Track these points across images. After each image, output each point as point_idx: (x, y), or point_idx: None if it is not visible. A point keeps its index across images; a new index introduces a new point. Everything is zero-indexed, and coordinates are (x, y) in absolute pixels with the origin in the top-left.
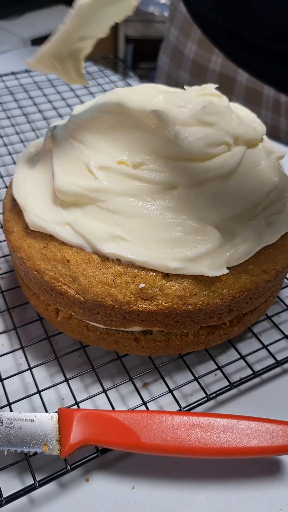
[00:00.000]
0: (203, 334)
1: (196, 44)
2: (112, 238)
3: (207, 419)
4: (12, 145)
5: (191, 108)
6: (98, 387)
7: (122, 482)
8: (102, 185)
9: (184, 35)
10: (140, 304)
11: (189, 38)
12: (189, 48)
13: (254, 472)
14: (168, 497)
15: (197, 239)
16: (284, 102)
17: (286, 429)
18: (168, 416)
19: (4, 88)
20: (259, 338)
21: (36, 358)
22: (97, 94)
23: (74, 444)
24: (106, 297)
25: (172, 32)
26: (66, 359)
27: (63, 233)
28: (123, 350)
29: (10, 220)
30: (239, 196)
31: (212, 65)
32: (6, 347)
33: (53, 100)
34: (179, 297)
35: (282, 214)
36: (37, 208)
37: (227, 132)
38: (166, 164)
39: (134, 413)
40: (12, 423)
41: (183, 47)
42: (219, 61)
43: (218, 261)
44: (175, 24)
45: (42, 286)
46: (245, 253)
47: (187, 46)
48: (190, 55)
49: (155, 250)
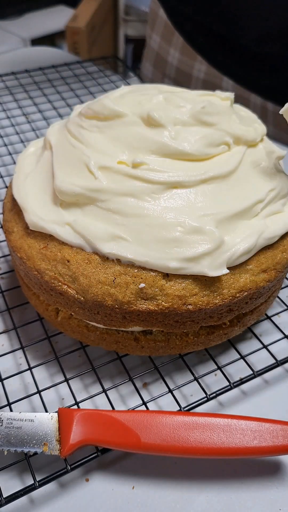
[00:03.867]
0: (203, 334)
1: (179, 51)
2: (112, 238)
3: (207, 419)
4: (12, 145)
5: (191, 108)
6: (98, 387)
7: (122, 482)
8: (102, 185)
9: (166, 41)
10: (140, 304)
11: (171, 44)
12: (172, 55)
13: (254, 472)
14: (168, 497)
15: (197, 239)
16: (271, 109)
17: (286, 429)
18: (168, 416)
19: (4, 88)
20: (259, 338)
21: (36, 358)
22: (97, 94)
23: (74, 444)
24: (106, 297)
25: (154, 38)
26: (66, 359)
27: (63, 233)
28: (123, 350)
29: (10, 220)
30: (239, 196)
31: (195, 73)
32: (6, 347)
33: (53, 100)
34: (179, 297)
35: (282, 214)
36: (37, 208)
37: (227, 132)
38: (166, 164)
39: (134, 413)
40: (12, 423)
41: (166, 54)
42: (203, 69)
43: (218, 261)
44: (156, 31)
45: (42, 286)
46: (245, 253)
47: (170, 53)
48: (174, 63)
49: (155, 250)
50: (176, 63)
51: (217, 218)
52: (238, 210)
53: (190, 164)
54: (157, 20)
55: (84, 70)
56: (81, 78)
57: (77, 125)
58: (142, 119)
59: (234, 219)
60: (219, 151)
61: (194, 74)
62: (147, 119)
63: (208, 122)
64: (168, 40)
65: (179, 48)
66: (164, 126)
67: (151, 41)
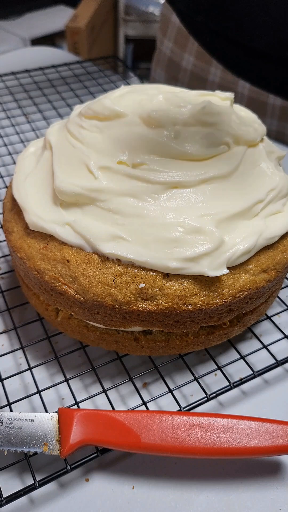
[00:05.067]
0: (203, 334)
1: (194, 56)
2: (112, 238)
3: (207, 419)
4: (12, 145)
5: (191, 108)
6: (98, 387)
7: (122, 482)
8: (102, 185)
9: (179, 47)
10: (140, 304)
11: (185, 50)
12: (187, 60)
13: (254, 472)
14: (168, 497)
15: (197, 239)
16: None
17: (286, 429)
18: (168, 416)
19: (4, 88)
20: (259, 338)
21: (36, 358)
22: (97, 94)
23: (74, 444)
24: (106, 297)
25: (166, 44)
26: (66, 359)
27: (63, 233)
28: (123, 350)
29: (10, 220)
30: (239, 196)
31: (211, 77)
32: (6, 347)
33: (53, 100)
34: (179, 297)
35: (282, 214)
36: (37, 208)
37: (227, 132)
38: (166, 164)
39: (134, 413)
40: (12, 423)
41: (180, 59)
42: (218, 73)
43: (218, 261)
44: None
45: (42, 286)
46: (245, 253)
47: (184, 58)
48: (188, 67)
49: (155, 250)
50: (191, 68)
51: (217, 218)
52: (238, 210)
53: (190, 164)
54: (169, 25)
55: (84, 70)
56: (81, 78)
57: (77, 125)
58: (142, 119)
59: (234, 219)
60: (219, 151)
61: (210, 79)
62: (147, 119)
63: (208, 122)
64: (182, 45)
65: (194, 53)
66: (164, 126)
67: (162, 46)
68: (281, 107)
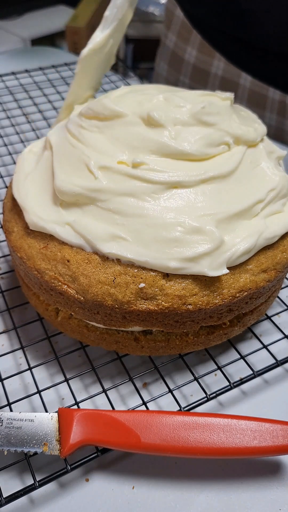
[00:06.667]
0: (203, 334)
1: (196, 49)
2: (112, 238)
3: (207, 419)
4: (12, 145)
5: (191, 108)
6: (98, 387)
7: (122, 482)
8: (102, 185)
9: (182, 40)
10: (140, 304)
11: (188, 43)
12: (189, 53)
13: (254, 472)
14: (168, 497)
15: (197, 239)
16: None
17: (286, 429)
18: (168, 416)
19: (4, 88)
20: (259, 338)
21: (36, 358)
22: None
23: (74, 444)
24: (106, 297)
25: (170, 37)
26: (66, 359)
27: (63, 233)
28: (123, 350)
29: (10, 220)
30: (239, 196)
31: (214, 70)
32: (6, 347)
33: (53, 100)
34: (179, 297)
35: (282, 214)
36: (37, 208)
37: (227, 132)
38: (166, 164)
39: (134, 413)
40: (12, 423)
41: (183, 53)
42: (221, 66)
43: (218, 261)
44: (172, 30)
45: (42, 286)
46: (245, 253)
47: (187, 51)
48: (191, 60)
49: (155, 250)
50: (194, 61)
51: (217, 218)
52: (238, 210)
53: (190, 164)
54: (174, 19)
55: None
56: None
57: (77, 125)
58: (142, 119)
59: (234, 219)
60: (219, 151)
61: (212, 71)
62: (147, 119)
63: (208, 122)
64: (185, 38)
65: (196, 46)
66: (164, 126)
67: (166, 40)
68: (279, 101)
